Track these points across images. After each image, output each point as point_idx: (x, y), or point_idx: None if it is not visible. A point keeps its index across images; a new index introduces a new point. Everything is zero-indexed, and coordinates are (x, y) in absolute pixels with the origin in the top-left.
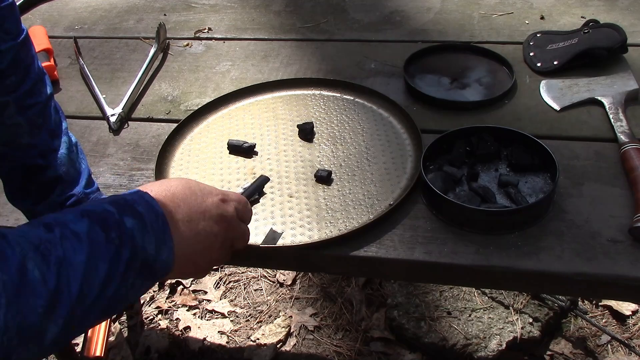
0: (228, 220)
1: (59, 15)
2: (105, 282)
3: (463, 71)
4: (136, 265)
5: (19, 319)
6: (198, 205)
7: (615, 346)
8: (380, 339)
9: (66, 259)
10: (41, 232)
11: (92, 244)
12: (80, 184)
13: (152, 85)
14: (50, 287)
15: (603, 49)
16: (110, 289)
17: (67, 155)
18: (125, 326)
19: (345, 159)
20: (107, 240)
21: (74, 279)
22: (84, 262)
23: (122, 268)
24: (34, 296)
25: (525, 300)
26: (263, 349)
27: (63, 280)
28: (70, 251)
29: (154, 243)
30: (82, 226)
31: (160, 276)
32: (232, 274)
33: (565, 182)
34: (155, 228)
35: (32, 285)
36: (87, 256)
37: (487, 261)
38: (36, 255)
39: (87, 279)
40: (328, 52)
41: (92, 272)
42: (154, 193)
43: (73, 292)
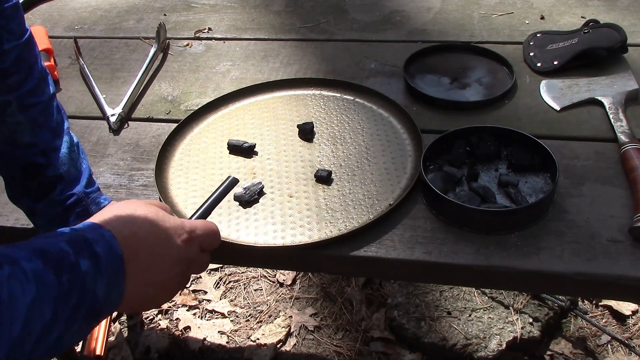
0: (190, 261)
1: (59, 15)
2: (48, 326)
3: (463, 71)
4: (83, 310)
5: None
6: (160, 252)
7: (615, 346)
8: (380, 339)
9: (11, 300)
10: None
11: (40, 286)
12: (80, 183)
13: (152, 85)
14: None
15: (603, 49)
16: (54, 333)
17: (68, 154)
18: (125, 326)
19: (345, 159)
20: (57, 283)
21: (16, 319)
22: (29, 304)
23: (68, 313)
24: None
25: (525, 300)
26: (263, 349)
27: (5, 321)
28: (17, 291)
29: (106, 287)
30: (34, 266)
31: (104, 316)
32: (232, 274)
33: (565, 182)
34: (109, 271)
35: None
36: (33, 298)
37: (487, 261)
38: None
39: (30, 321)
40: (328, 52)
41: (37, 314)
42: (117, 232)
43: (14, 333)
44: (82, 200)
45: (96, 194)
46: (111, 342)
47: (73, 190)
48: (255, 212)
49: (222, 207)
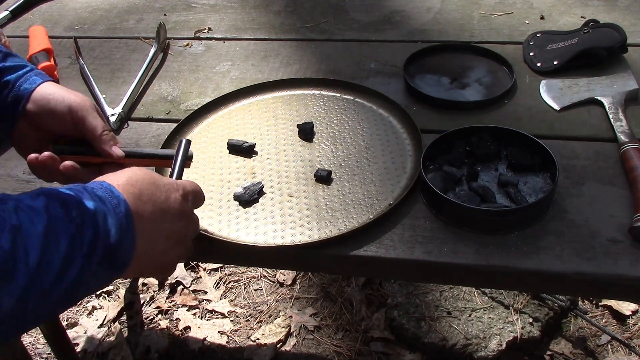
0: (187, 215)
1: (59, 15)
2: (66, 261)
3: (463, 71)
4: (99, 249)
5: None
6: (162, 203)
7: (615, 346)
8: (380, 339)
9: (22, 229)
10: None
11: (51, 218)
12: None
13: (152, 85)
14: (6, 249)
15: (603, 49)
16: (73, 271)
17: None
18: (125, 326)
19: (345, 158)
20: (67, 217)
21: (32, 248)
22: (42, 234)
23: (86, 249)
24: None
25: (525, 300)
26: (263, 349)
27: (19, 248)
28: (26, 221)
29: (117, 228)
30: (39, 202)
31: (119, 268)
32: (232, 274)
33: (565, 182)
34: (117, 212)
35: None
36: (45, 228)
37: (487, 261)
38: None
39: (46, 252)
40: (328, 52)
41: (52, 246)
42: (121, 188)
43: (31, 262)
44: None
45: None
46: (111, 342)
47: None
48: (255, 211)
49: (222, 207)
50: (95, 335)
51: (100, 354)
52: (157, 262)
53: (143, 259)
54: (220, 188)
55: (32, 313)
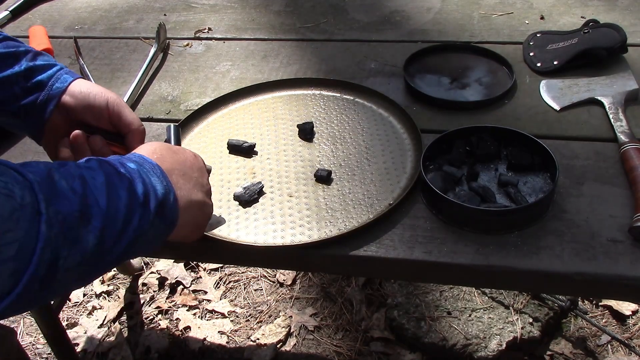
0: (204, 171)
1: (59, 15)
2: (129, 208)
3: (463, 71)
4: (152, 200)
5: (60, 218)
6: (184, 161)
7: (615, 346)
8: (380, 339)
9: (87, 180)
10: (53, 164)
11: (107, 174)
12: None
13: (152, 85)
14: (79, 193)
15: (603, 49)
16: (136, 218)
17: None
18: (125, 326)
19: (345, 158)
20: (118, 174)
21: (100, 195)
22: (104, 184)
23: (142, 199)
24: (67, 200)
25: (525, 300)
26: (263, 349)
27: (90, 194)
28: (88, 175)
29: (160, 183)
30: (92, 163)
31: (170, 222)
32: (232, 274)
33: (565, 182)
34: (156, 172)
35: (63, 192)
36: (105, 180)
37: (487, 261)
38: (59, 170)
39: (111, 199)
40: (328, 52)
41: (114, 195)
42: (149, 155)
43: (102, 205)
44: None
45: (61, 72)
46: (111, 342)
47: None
48: (255, 211)
49: (222, 207)
50: (95, 335)
51: (100, 354)
52: (195, 216)
53: (185, 213)
54: (220, 188)
55: (107, 255)
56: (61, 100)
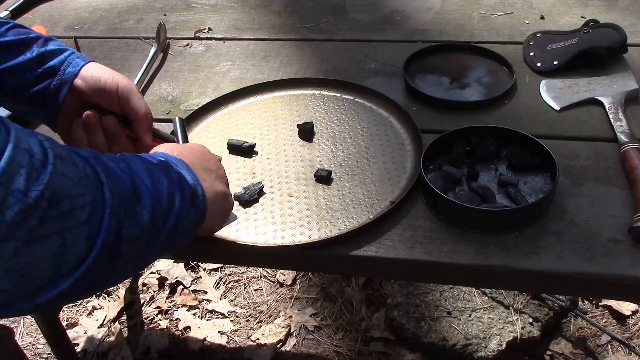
0: (220, 163)
1: (59, 15)
2: (169, 192)
3: (463, 71)
4: (186, 188)
5: (118, 190)
6: (202, 155)
7: (615, 346)
8: (380, 339)
9: (129, 162)
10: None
11: (143, 161)
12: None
13: (152, 85)
14: (127, 172)
15: (603, 49)
16: (177, 202)
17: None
18: (125, 326)
19: (345, 158)
20: (152, 163)
21: (144, 177)
22: (145, 169)
23: (178, 185)
24: (119, 177)
25: (525, 300)
26: (263, 349)
27: (135, 174)
28: (129, 159)
29: (189, 174)
30: (125, 155)
31: (202, 211)
32: (232, 274)
33: (565, 182)
34: (184, 167)
35: (113, 171)
36: (144, 166)
37: (487, 261)
38: (102, 155)
39: (154, 182)
40: (328, 52)
41: (155, 178)
42: (170, 153)
43: (149, 185)
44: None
45: (72, 56)
46: (111, 342)
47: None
48: (255, 211)
49: None
50: (95, 335)
51: (100, 354)
52: (218, 203)
53: (211, 203)
54: None
55: (158, 234)
56: (73, 84)
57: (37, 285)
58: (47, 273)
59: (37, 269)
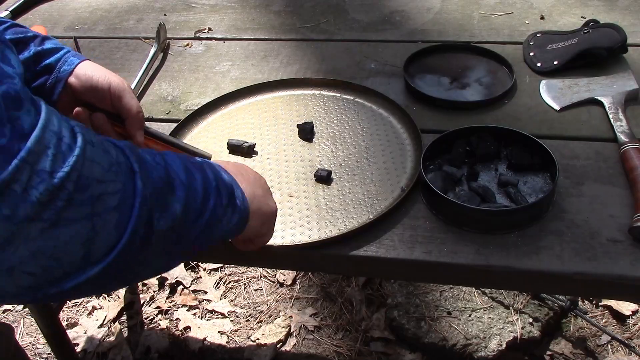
0: (258, 174)
1: (59, 15)
2: (204, 190)
3: (463, 71)
4: (223, 188)
5: (151, 181)
6: (234, 163)
7: (615, 346)
8: (380, 339)
9: (165, 157)
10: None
11: (180, 157)
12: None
13: (152, 85)
14: (162, 165)
15: (603, 49)
16: (211, 201)
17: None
18: (125, 326)
19: (345, 158)
20: (189, 161)
21: (179, 171)
22: (181, 165)
23: (214, 184)
24: (153, 169)
25: (525, 300)
26: (263, 349)
27: (170, 168)
28: (165, 155)
29: (227, 178)
30: (163, 151)
31: (243, 214)
32: (232, 274)
33: (565, 182)
34: (219, 168)
35: (147, 162)
36: (180, 161)
37: (486, 261)
38: (138, 149)
39: (189, 178)
40: (328, 52)
41: (191, 175)
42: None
43: (184, 179)
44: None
45: (68, 54)
46: (111, 342)
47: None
48: None
49: None
50: (95, 335)
51: (100, 354)
52: (263, 209)
53: (256, 212)
54: None
55: (191, 229)
56: (67, 81)
57: (65, 269)
58: (76, 258)
59: (65, 252)
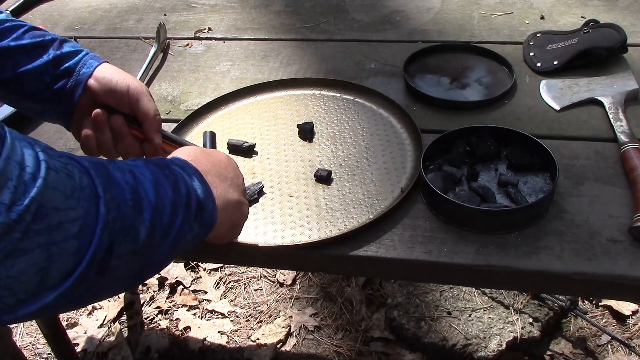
0: (238, 171)
1: (59, 15)
2: (173, 206)
3: (463, 71)
4: (193, 202)
5: (116, 204)
6: (219, 162)
7: (615, 346)
8: (380, 339)
9: (136, 173)
10: (104, 159)
11: (153, 172)
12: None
13: (152, 85)
14: (131, 184)
15: (603, 49)
16: (179, 217)
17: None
18: (125, 326)
19: (345, 158)
20: (163, 173)
21: (149, 189)
22: (151, 181)
23: (185, 199)
24: (121, 189)
25: (525, 300)
26: (263, 349)
27: (140, 187)
28: (137, 170)
29: (199, 185)
30: (138, 162)
31: (208, 225)
32: (232, 274)
33: (565, 182)
34: (197, 177)
35: (116, 180)
36: (152, 177)
37: (486, 261)
38: (110, 163)
39: (158, 195)
40: (328, 52)
41: (161, 191)
42: (188, 160)
43: (152, 199)
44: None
45: (87, 57)
46: (111, 342)
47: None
48: (255, 211)
49: None
50: (95, 335)
51: (100, 354)
52: (230, 212)
53: (221, 211)
54: None
55: (155, 251)
56: (87, 84)
57: (18, 297)
58: (30, 286)
59: (18, 281)
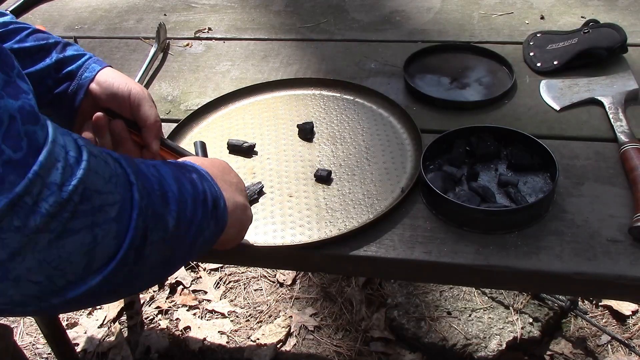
0: (239, 177)
1: (59, 15)
2: (194, 201)
3: (463, 71)
4: (209, 200)
5: (147, 193)
6: (222, 168)
7: (615, 346)
8: (380, 339)
9: (157, 166)
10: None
11: (172, 169)
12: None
13: (152, 85)
14: (157, 177)
15: (603, 49)
16: (199, 212)
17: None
18: (125, 326)
19: (345, 158)
20: (180, 171)
21: (171, 183)
22: (172, 176)
23: (202, 196)
24: (149, 179)
25: (525, 300)
26: (263, 349)
27: (164, 180)
28: (158, 165)
29: (212, 186)
30: (155, 161)
31: (222, 224)
32: (232, 274)
33: (565, 182)
34: (209, 179)
35: (143, 173)
36: (173, 173)
37: (486, 261)
38: (134, 159)
39: (180, 189)
40: (328, 52)
41: (182, 186)
42: (197, 163)
43: (175, 191)
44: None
45: (90, 61)
46: (111, 342)
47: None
48: (255, 211)
49: None
50: (95, 335)
51: (100, 354)
52: (237, 215)
53: (230, 214)
54: None
55: (181, 243)
56: (89, 88)
57: (68, 279)
58: (78, 267)
59: (69, 262)
